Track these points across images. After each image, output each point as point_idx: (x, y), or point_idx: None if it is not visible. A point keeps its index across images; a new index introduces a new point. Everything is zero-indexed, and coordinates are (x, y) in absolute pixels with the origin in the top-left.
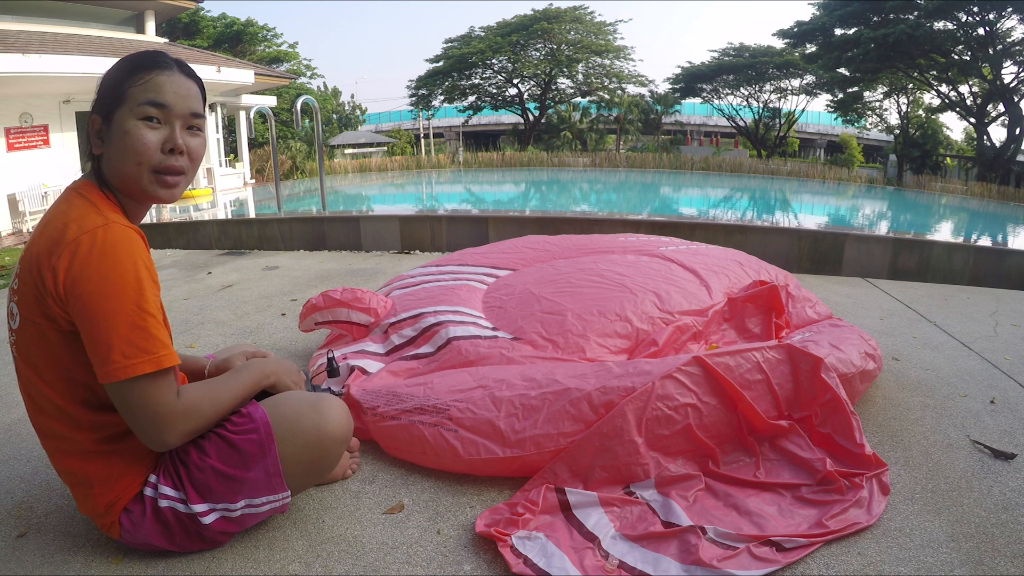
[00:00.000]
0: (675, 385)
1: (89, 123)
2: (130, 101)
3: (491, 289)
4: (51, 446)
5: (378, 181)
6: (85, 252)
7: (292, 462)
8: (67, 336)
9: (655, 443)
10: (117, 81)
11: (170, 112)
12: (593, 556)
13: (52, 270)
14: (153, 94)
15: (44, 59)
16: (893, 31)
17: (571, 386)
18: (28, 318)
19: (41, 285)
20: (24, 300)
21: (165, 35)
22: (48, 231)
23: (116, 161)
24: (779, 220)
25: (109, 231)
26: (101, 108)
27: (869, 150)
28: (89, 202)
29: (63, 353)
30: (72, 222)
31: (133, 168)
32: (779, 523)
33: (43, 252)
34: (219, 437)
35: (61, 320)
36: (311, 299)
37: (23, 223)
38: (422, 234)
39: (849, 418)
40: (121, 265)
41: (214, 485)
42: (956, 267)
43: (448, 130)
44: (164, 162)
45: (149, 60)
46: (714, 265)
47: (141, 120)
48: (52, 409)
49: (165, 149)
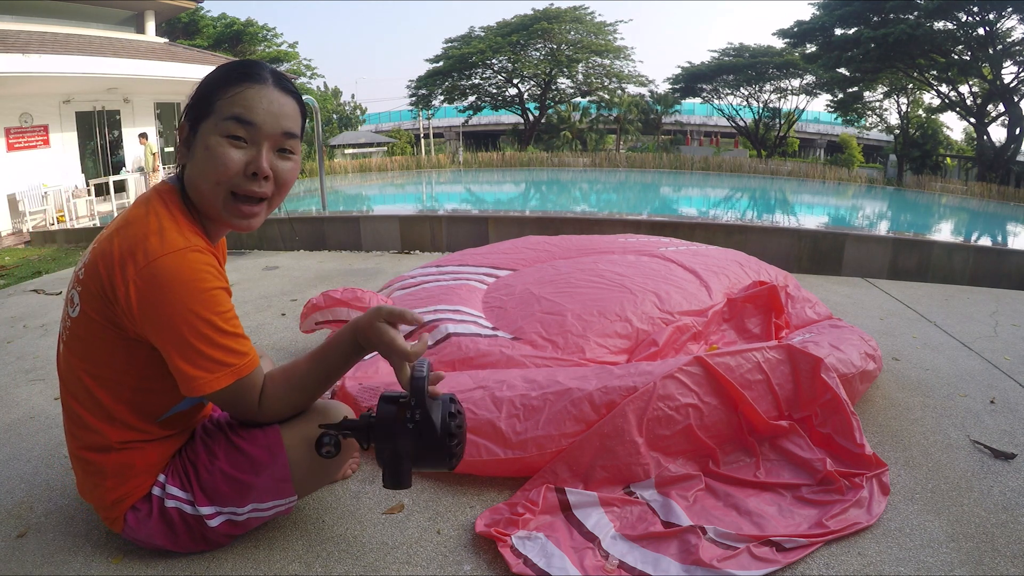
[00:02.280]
0: (676, 385)
1: (179, 128)
2: (216, 114)
3: (491, 289)
4: (74, 432)
5: (378, 181)
6: (164, 280)
7: (300, 467)
8: (130, 342)
9: (656, 443)
10: (208, 90)
11: (258, 131)
12: (593, 556)
13: (125, 285)
14: (240, 110)
15: (44, 59)
16: (893, 31)
17: (572, 386)
18: (88, 313)
19: (111, 292)
20: (88, 294)
21: (165, 35)
22: (128, 232)
23: (196, 176)
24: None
25: (187, 259)
26: (190, 115)
27: (869, 150)
28: (171, 215)
29: (120, 355)
30: (153, 235)
31: (210, 187)
32: (779, 523)
33: (116, 256)
34: (229, 442)
35: (129, 330)
36: (312, 299)
37: (23, 223)
38: (422, 234)
39: (849, 418)
40: (198, 291)
41: (223, 488)
42: (956, 267)
43: (448, 130)
44: (243, 186)
45: (242, 71)
46: (714, 265)
47: (225, 137)
48: (90, 401)
49: (248, 172)
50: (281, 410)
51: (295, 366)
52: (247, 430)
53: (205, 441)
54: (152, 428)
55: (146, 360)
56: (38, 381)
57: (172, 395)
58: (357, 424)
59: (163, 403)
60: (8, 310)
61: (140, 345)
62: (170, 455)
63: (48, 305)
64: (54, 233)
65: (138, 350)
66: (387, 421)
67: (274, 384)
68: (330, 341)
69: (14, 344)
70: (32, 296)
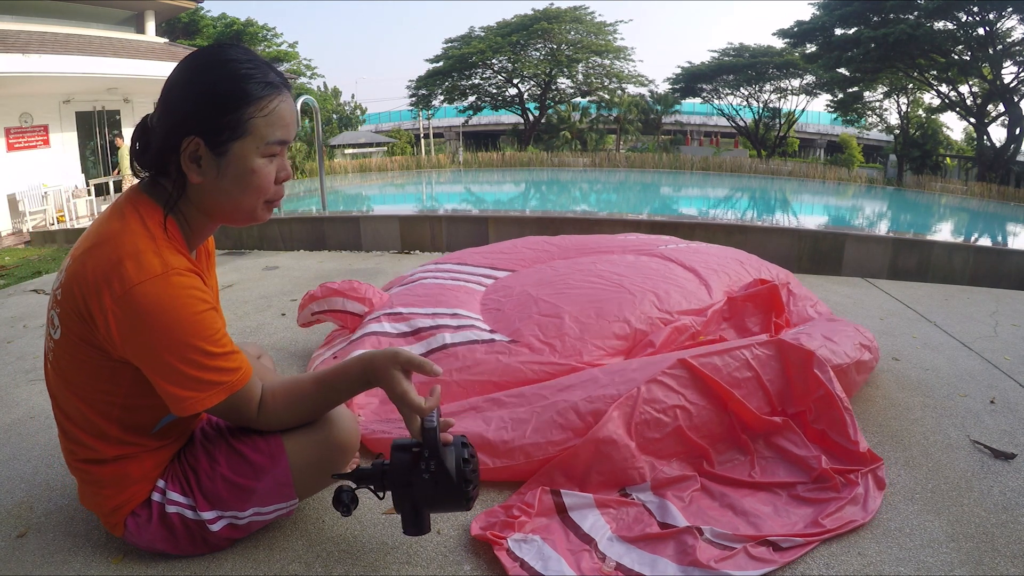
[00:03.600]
0: (661, 388)
1: (184, 144)
2: (255, 135)
3: (489, 291)
4: (68, 446)
5: (378, 181)
6: (144, 310)
7: (301, 471)
8: (115, 363)
9: (647, 446)
10: (236, 105)
11: (286, 144)
12: (590, 558)
13: (103, 313)
14: (282, 132)
15: (44, 59)
16: (893, 31)
17: (558, 399)
18: (69, 336)
19: (89, 317)
20: (67, 316)
21: (165, 35)
22: (102, 254)
23: (230, 193)
24: (779, 220)
25: (166, 285)
26: (209, 132)
27: (869, 150)
28: (147, 233)
29: (105, 376)
30: (128, 259)
31: (252, 202)
32: (775, 523)
33: (91, 281)
34: (230, 447)
35: (112, 353)
36: (309, 291)
37: (23, 223)
38: (422, 234)
39: (843, 414)
40: (181, 319)
41: (224, 494)
42: (956, 267)
43: (448, 130)
44: (277, 193)
45: (267, 82)
46: (714, 264)
47: (265, 156)
48: (81, 420)
49: (278, 180)
50: (281, 425)
51: (299, 386)
52: (248, 435)
53: (205, 446)
54: (146, 440)
55: (132, 379)
56: (38, 381)
57: (162, 409)
58: (371, 473)
59: (154, 416)
60: (8, 310)
61: (125, 366)
62: (167, 460)
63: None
64: (54, 233)
65: (123, 371)
66: (402, 471)
67: (275, 401)
68: (338, 370)
69: (14, 344)
70: (32, 296)
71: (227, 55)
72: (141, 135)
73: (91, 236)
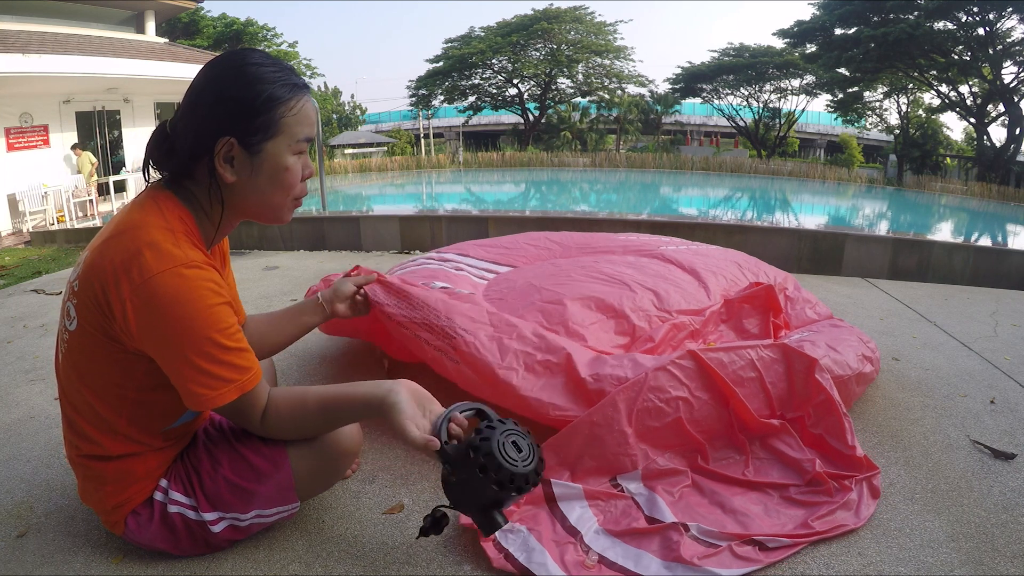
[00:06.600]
0: (668, 377)
1: (219, 146)
2: (286, 134)
3: (491, 284)
4: (72, 440)
5: (378, 181)
6: (162, 300)
7: (303, 474)
8: (129, 355)
9: (645, 435)
10: (268, 106)
11: (311, 142)
12: (574, 551)
13: (121, 302)
14: (308, 129)
15: (44, 59)
16: (893, 30)
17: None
18: (85, 327)
19: (107, 307)
20: (83, 307)
21: (165, 35)
22: (120, 244)
23: (263, 192)
24: (779, 220)
25: (184, 276)
26: (244, 133)
27: (869, 150)
28: (167, 226)
29: (118, 368)
30: (146, 248)
31: (281, 199)
32: (764, 523)
33: (110, 271)
34: (233, 449)
35: (127, 344)
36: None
37: (23, 223)
38: (422, 234)
39: (842, 420)
40: (197, 311)
41: (226, 496)
42: (956, 267)
43: (448, 130)
44: (303, 190)
45: (293, 84)
46: (713, 266)
47: (295, 154)
48: (90, 413)
49: (303, 177)
50: (282, 436)
51: (303, 404)
52: (251, 438)
53: (208, 448)
54: (154, 440)
55: (146, 373)
56: (38, 381)
57: (175, 407)
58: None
59: (167, 416)
60: (8, 310)
61: (140, 358)
62: (170, 460)
63: (48, 305)
64: (54, 233)
65: (137, 363)
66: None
67: (279, 416)
68: (346, 396)
69: (14, 344)
70: (32, 296)
71: (253, 59)
72: (162, 140)
73: (110, 227)
